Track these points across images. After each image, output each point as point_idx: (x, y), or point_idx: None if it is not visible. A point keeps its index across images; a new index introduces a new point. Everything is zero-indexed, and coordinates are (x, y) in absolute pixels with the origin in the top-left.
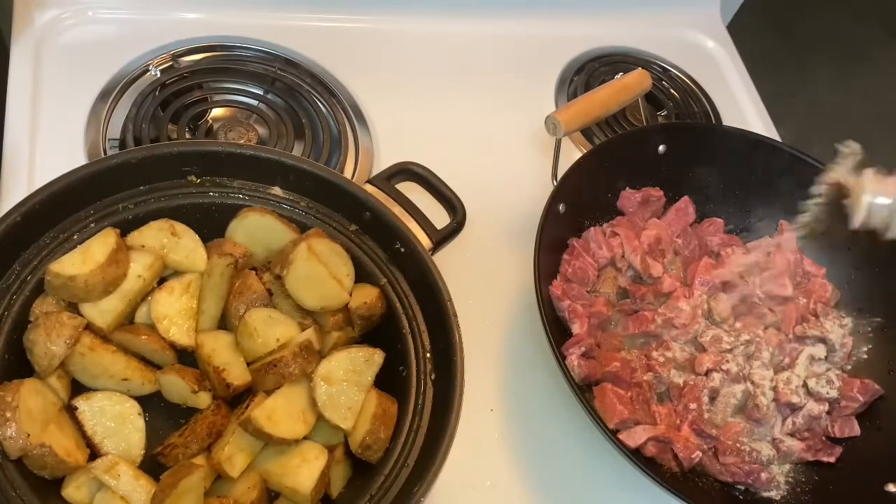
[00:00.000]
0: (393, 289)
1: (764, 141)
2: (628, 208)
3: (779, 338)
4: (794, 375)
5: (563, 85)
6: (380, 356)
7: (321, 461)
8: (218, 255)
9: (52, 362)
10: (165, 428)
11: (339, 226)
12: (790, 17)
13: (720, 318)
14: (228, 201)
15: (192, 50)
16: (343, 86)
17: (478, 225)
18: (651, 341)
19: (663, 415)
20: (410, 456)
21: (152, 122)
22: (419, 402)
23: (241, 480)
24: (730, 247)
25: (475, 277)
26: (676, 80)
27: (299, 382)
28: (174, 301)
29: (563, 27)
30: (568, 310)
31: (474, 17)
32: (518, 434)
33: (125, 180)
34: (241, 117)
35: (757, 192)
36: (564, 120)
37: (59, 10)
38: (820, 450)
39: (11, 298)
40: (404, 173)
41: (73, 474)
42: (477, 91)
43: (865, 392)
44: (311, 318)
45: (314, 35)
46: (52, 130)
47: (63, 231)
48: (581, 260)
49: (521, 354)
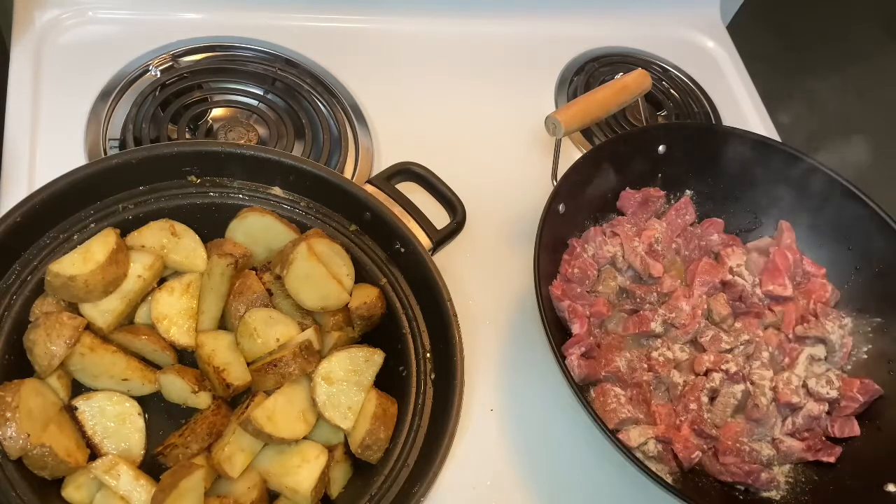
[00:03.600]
0: (393, 289)
1: (764, 141)
2: (628, 208)
3: (779, 338)
4: (794, 375)
5: (563, 85)
6: (380, 356)
7: (321, 461)
8: (218, 255)
9: (52, 362)
10: (165, 428)
11: (339, 226)
12: (790, 17)
13: (720, 318)
14: (228, 201)
15: (192, 50)
16: (343, 86)
17: (478, 225)
18: (651, 341)
19: (663, 415)
20: (410, 456)
21: (152, 122)
22: (419, 402)
23: (241, 480)
24: (730, 247)
25: (475, 277)
26: (676, 80)
27: (299, 382)
28: (174, 301)
29: (563, 27)
30: (568, 310)
31: (474, 17)
32: (518, 434)
33: (125, 180)
34: (241, 117)
35: (757, 192)
36: (564, 120)
37: (59, 10)
38: (820, 450)
39: (11, 298)
40: (404, 173)
41: (73, 474)
42: (477, 91)
43: (865, 392)
44: (311, 318)
45: (314, 35)
46: (52, 130)
47: (63, 231)
48: (581, 260)
49: (521, 354)
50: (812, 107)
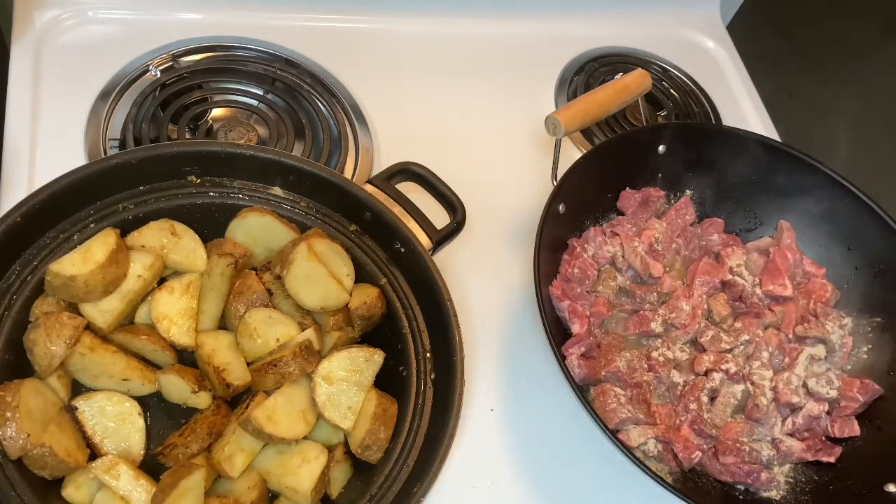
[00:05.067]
0: (393, 289)
1: (764, 141)
2: (628, 208)
3: (779, 338)
4: (794, 375)
5: (563, 85)
6: (380, 356)
7: (321, 461)
8: (218, 255)
9: (52, 362)
10: (165, 428)
11: (339, 226)
12: (790, 17)
13: (720, 318)
14: (228, 201)
15: (192, 50)
16: (343, 86)
17: (478, 225)
18: (651, 341)
19: (663, 415)
20: (410, 456)
21: (152, 122)
22: (419, 402)
23: (241, 480)
24: (730, 247)
25: (475, 277)
26: (676, 80)
27: (299, 382)
28: (174, 301)
29: (563, 27)
30: (568, 310)
31: (474, 17)
32: (518, 434)
33: (125, 180)
34: (241, 117)
35: (757, 192)
36: (564, 120)
37: (59, 10)
38: (820, 450)
39: (11, 298)
40: (404, 173)
41: (73, 474)
42: (477, 91)
43: (865, 392)
44: (311, 318)
45: (314, 35)
46: (52, 130)
47: (63, 231)
48: (581, 260)
49: (521, 354)
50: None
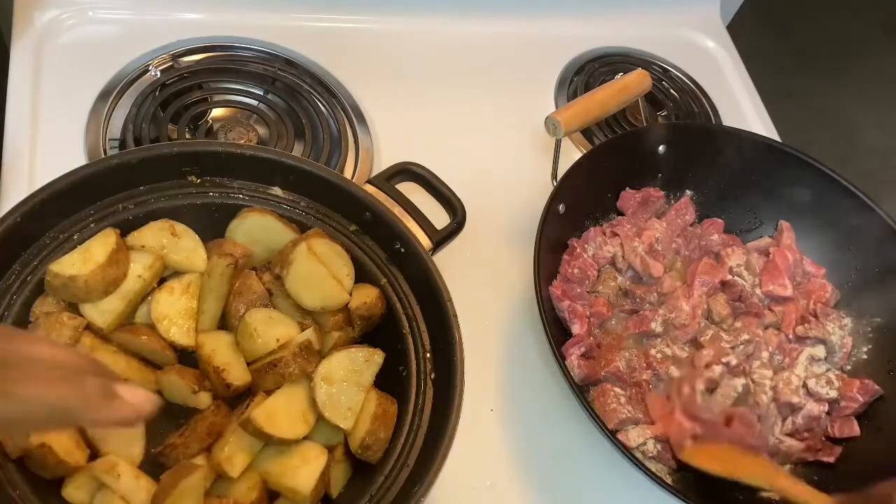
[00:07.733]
0: (393, 289)
1: (764, 141)
2: (628, 208)
3: (778, 338)
4: (794, 376)
5: (563, 85)
6: (380, 356)
7: (321, 461)
8: (218, 255)
9: None
10: (165, 428)
11: (339, 226)
12: (790, 17)
13: (720, 318)
14: (228, 201)
15: (192, 50)
16: (343, 86)
17: (478, 225)
18: (651, 341)
19: (657, 407)
20: (410, 456)
21: (152, 122)
22: (419, 402)
23: (241, 480)
24: (730, 247)
25: (475, 277)
26: (676, 81)
27: (299, 382)
28: (174, 301)
29: (563, 27)
30: (568, 310)
31: (474, 17)
32: (518, 434)
33: (125, 180)
34: (241, 117)
35: (757, 192)
36: (564, 120)
37: (59, 10)
38: (820, 450)
39: (11, 298)
40: (404, 173)
41: (73, 474)
42: (477, 91)
43: (865, 392)
44: (311, 318)
45: (314, 35)
46: (52, 130)
47: (63, 231)
48: (581, 260)
49: (521, 354)
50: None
